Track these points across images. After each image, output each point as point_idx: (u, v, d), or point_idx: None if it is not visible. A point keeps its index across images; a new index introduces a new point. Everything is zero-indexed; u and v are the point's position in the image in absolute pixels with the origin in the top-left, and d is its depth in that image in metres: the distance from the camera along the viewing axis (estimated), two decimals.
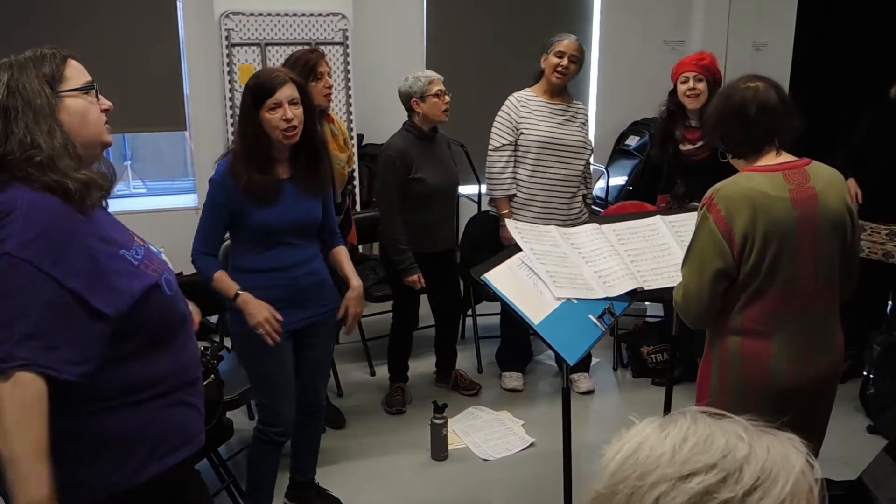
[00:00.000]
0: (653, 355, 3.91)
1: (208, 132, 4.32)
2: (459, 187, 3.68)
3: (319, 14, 4.27)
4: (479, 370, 3.99)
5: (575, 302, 2.30)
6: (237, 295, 2.30)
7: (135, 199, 5.03)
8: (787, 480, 0.68)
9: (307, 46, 3.92)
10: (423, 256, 3.37)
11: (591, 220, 2.80)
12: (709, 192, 1.95)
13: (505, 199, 3.53)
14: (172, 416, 1.51)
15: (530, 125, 3.47)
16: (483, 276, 2.26)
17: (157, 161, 5.95)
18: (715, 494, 0.67)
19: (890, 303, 3.84)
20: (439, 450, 3.17)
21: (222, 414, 2.62)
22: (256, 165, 2.28)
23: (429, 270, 3.37)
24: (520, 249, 2.43)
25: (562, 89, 3.54)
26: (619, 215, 2.82)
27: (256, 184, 2.27)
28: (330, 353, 2.80)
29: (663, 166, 3.66)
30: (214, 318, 3.44)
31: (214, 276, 2.32)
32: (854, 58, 5.13)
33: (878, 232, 3.55)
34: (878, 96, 3.62)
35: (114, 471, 1.42)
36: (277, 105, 2.25)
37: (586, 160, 3.63)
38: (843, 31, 5.29)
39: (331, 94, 3.08)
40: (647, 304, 4.34)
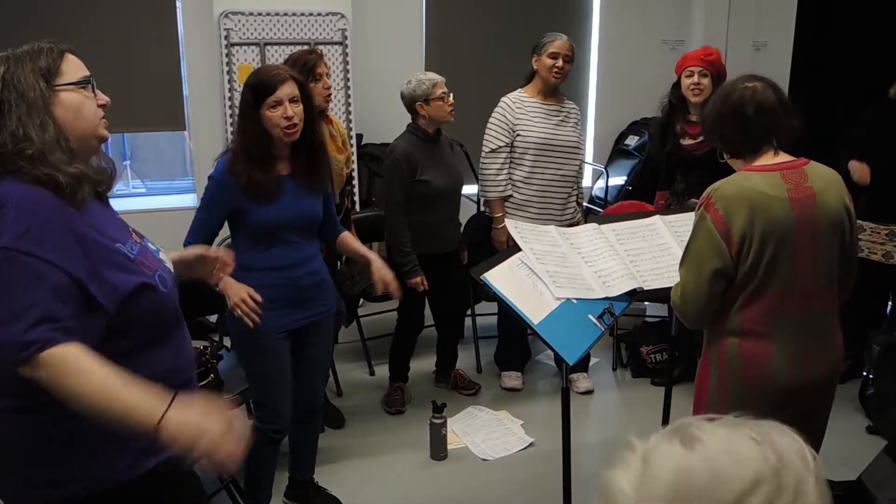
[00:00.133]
0: (652, 355, 3.91)
1: (208, 132, 4.32)
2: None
3: (318, 14, 4.27)
4: (479, 370, 3.99)
5: (574, 302, 2.30)
6: (217, 282, 2.26)
7: (134, 198, 5.03)
8: (808, 467, 0.70)
9: (306, 47, 3.92)
10: (429, 257, 3.37)
11: (591, 220, 2.80)
12: (706, 191, 1.95)
13: (499, 201, 3.53)
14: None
15: (527, 126, 3.47)
16: (483, 276, 2.26)
17: (156, 161, 5.94)
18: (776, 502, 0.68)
19: (890, 303, 3.84)
20: (438, 449, 3.18)
21: None
22: (257, 163, 2.28)
23: (434, 271, 3.37)
24: (519, 249, 2.43)
25: (555, 90, 3.54)
26: (618, 215, 2.83)
27: (256, 181, 2.26)
28: (329, 352, 2.80)
29: (662, 162, 3.66)
30: (214, 318, 3.44)
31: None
32: (854, 58, 5.13)
33: (878, 232, 3.55)
34: (878, 96, 3.62)
35: (107, 466, 1.42)
36: (278, 103, 2.25)
37: (581, 161, 3.63)
38: (843, 31, 5.29)
39: (330, 94, 3.09)
40: (646, 304, 4.34)
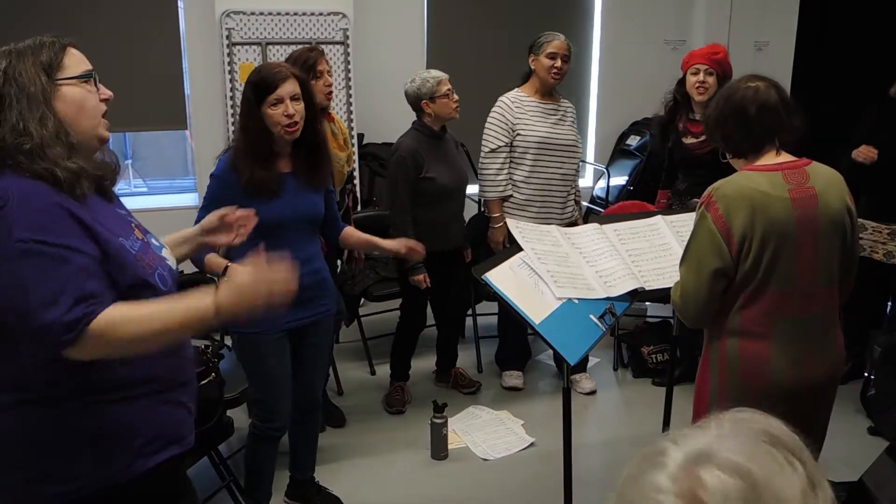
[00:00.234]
0: (653, 355, 3.91)
1: (209, 131, 4.32)
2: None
3: (320, 13, 4.27)
4: (479, 370, 3.99)
5: (576, 302, 2.30)
6: (227, 268, 2.24)
7: (136, 197, 5.03)
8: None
9: (308, 45, 3.92)
10: (433, 255, 3.36)
11: (592, 220, 2.80)
12: (707, 190, 1.95)
13: (498, 201, 3.53)
14: (163, 414, 1.50)
15: (527, 126, 3.47)
16: (484, 276, 2.25)
17: (157, 160, 5.94)
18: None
19: (890, 303, 3.83)
20: (439, 449, 3.17)
21: (222, 412, 2.62)
22: (258, 160, 2.27)
23: (438, 269, 3.37)
24: (520, 249, 2.42)
25: (552, 89, 3.55)
26: (619, 215, 2.82)
27: (258, 179, 2.26)
28: (328, 351, 2.79)
29: (664, 159, 3.65)
30: None
31: (206, 258, 2.26)
32: (855, 57, 5.13)
33: (880, 231, 3.54)
34: (879, 96, 3.62)
35: (102, 465, 1.42)
36: (279, 101, 2.25)
37: (579, 159, 3.64)
38: (845, 30, 5.28)
39: (331, 92, 3.08)
40: (647, 304, 4.33)
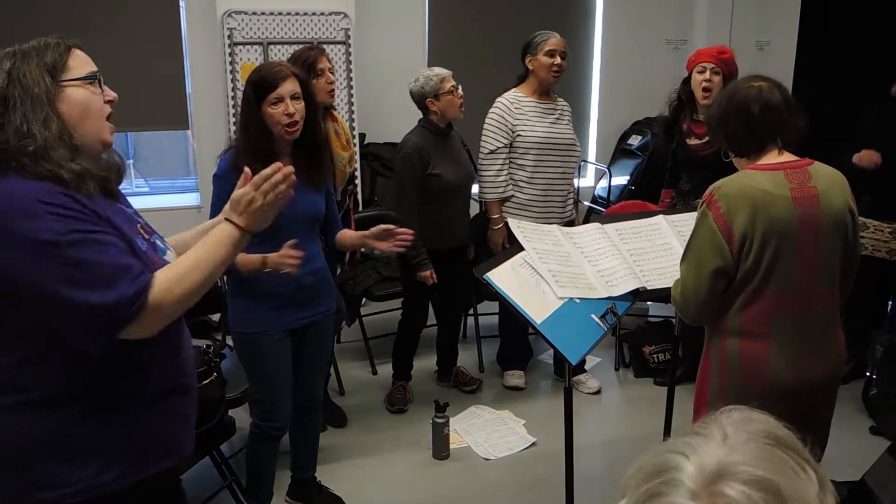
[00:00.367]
0: (655, 355, 3.91)
1: (211, 131, 4.33)
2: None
3: (322, 13, 4.27)
4: (481, 369, 3.99)
5: (577, 301, 2.30)
6: (265, 261, 2.25)
7: (137, 197, 5.03)
8: None
9: (308, 45, 3.92)
10: (438, 253, 3.37)
11: (594, 220, 2.80)
12: (709, 189, 1.95)
13: (498, 202, 3.52)
14: (163, 424, 1.49)
15: (527, 126, 3.46)
16: (485, 276, 2.25)
17: (159, 160, 5.94)
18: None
19: (892, 302, 3.83)
20: (441, 449, 3.17)
21: (224, 412, 2.62)
22: (259, 159, 2.27)
23: (443, 266, 3.37)
24: (521, 248, 2.42)
25: (549, 88, 3.54)
26: (621, 214, 2.82)
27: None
28: (329, 351, 2.79)
29: (667, 160, 3.65)
30: (217, 317, 3.44)
31: (237, 260, 2.22)
32: (857, 57, 5.12)
33: (882, 230, 3.54)
34: (880, 95, 3.61)
35: (100, 472, 1.41)
36: (279, 100, 2.25)
37: (578, 158, 3.64)
38: (846, 30, 5.28)
39: (334, 90, 3.08)
40: (649, 304, 4.33)
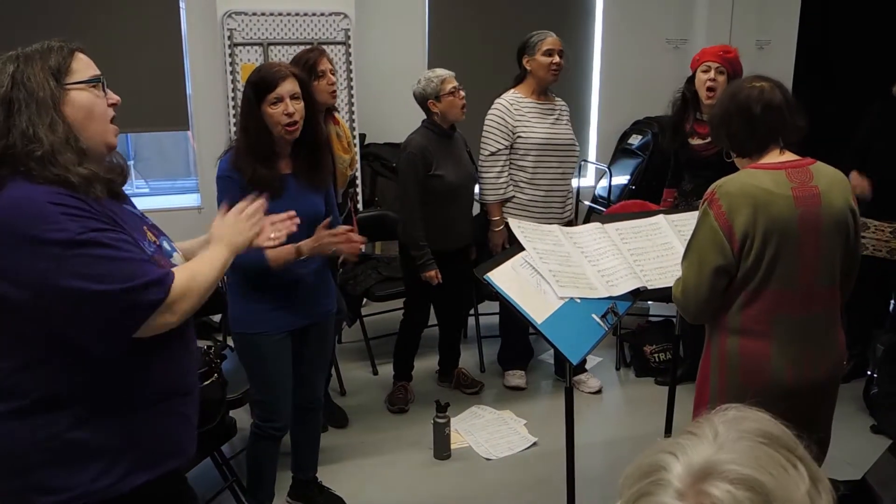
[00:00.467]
0: (656, 354, 3.91)
1: (211, 132, 4.33)
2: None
3: (322, 14, 4.27)
4: (482, 369, 3.99)
5: (578, 301, 2.30)
6: (299, 250, 2.26)
7: (138, 198, 4.99)
8: None
9: (309, 46, 3.92)
10: (441, 253, 3.37)
11: (594, 220, 2.80)
12: (711, 187, 1.96)
13: (498, 204, 3.52)
14: (165, 426, 1.49)
15: (527, 127, 3.46)
16: (486, 276, 2.25)
17: (159, 161, 5.95)
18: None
19: (893, 301, 3.83)
20: (442, 449, 3.18)
21: (225, 413, 2.62)
22: (260, 160, 2.28)
23: (445, 267, 3.37)
24: (522, 248, 2.42)
25: (546, 88, 3.54)
26: (621, 214, 2.82)
27: (261, 177, 2.26)
28: (329, 351, 2.79)
29: (671, 159, 3.64)
30: (218, 318, 3.45)
31: (267, 257, 2.23)
32: (857, 56, 5.12)
33: (883, 230, 3.54)
34: (881, 95, 3.61)
35: (100, 477, 1.40)
36: (279, 99, 2.25)
37: (577, 157, 3.64)
38: (846, 29, 5.28)
39: (335, 91, 3.08)
40: (649, 303, 4.33)
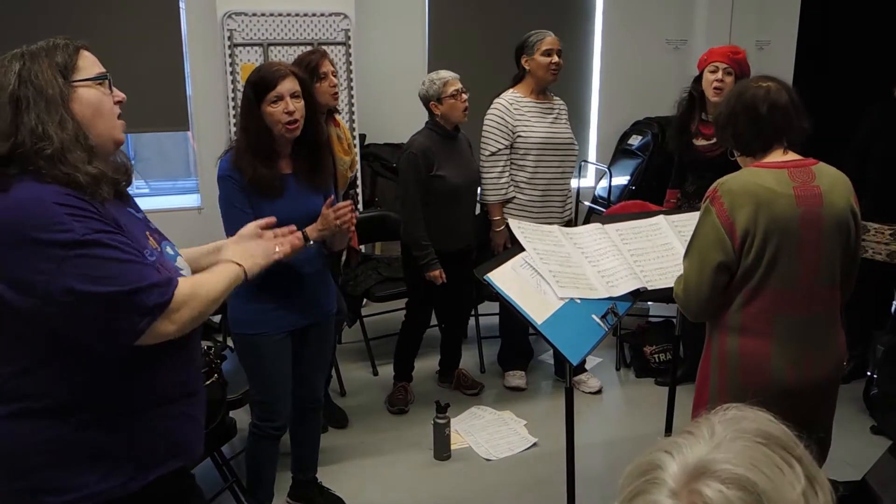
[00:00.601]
0: (656, 355, 3.91)
1: (211, 132, 4.32)
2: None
3: (322, 14, 4.27)
4: (482, 370, 3.99)
5: (578, 302, 2.30)
6: (306, 237, 2.23)
7: (138, 199, 5.01)
8: None
9: (309, 47, 3.92)
10: (443, 254, 3.37)
11: (594, 220, 2.80)
12: (713, 185, 1.97)
13: (499, 204, 3.53)
14: (170, 428, 1.49)
15: (527, 127, 3.46)
16: (486, 276, 2.25)
17: (159, 161, 5.96)
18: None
19: (894, 303, 3.83)
20: (442, 449, 3.17)
21: (225, 413, 2.62)
22: (260, 159, 2.28)
23: (447, 268, 3.37)
24: (522, 249, 2.42)
25: (545, 88, 3.54)
26: (621, 215, 2.82)
27: (261, 177, 2.26)
28: (329, 351, 2.79)
29: (674, 159, 3.63)
30: (218, 318, 3.45)
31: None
32: (857, 57, 5.12)
33: (882, 232, 3.54)
34: (881, 95, 3.61)
35: (104, 479, 1.40)
36: (279, 98, 2.25)
37: (576, 157, 3.64)
38: (846, 30, 5.27)
39: (337, 92, 3.09)
40: (649, 304, 4.33)
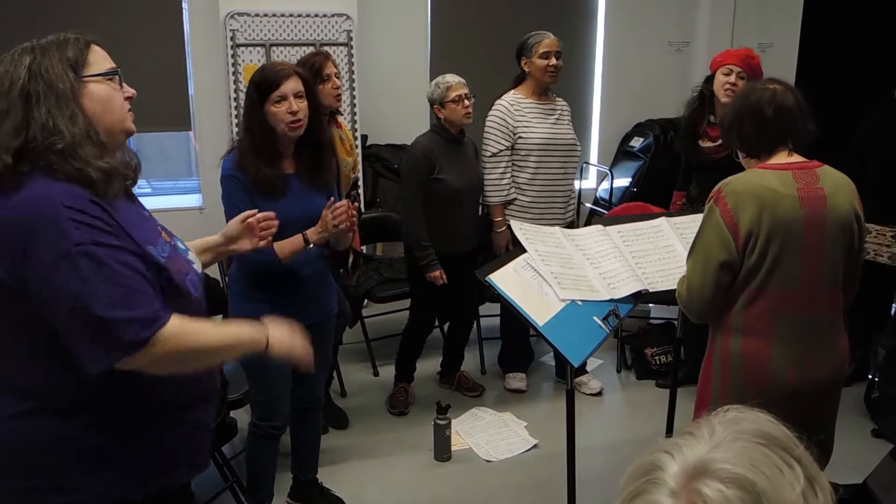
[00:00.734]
0: (657, 357, 3.91)
1: (213, 132, 4.32)
2: None
3: (324, 15, 4.27)
4: (483, 371, 3.99)
5: (579, 304, 2.30)
6: (307, 240, 2.27)
7: (139, 198, 5.03)
8: None
9: (311, 48, 3.92)
10: (444, 257, 3.37)
11: (596, 222, 2.80)
12: (717, 185, 1.98)
13: (501, 206, 3.52)
14: (180, 436, 1.48)
15: (528, 128, 3.47)
16: (487, 278, 2.25)
17: (161, 161, 5.95)
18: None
19: (894, 305, 3.83)
20: (442, 451, 3.17)
21: (226, 413, 2.63)
22: (264, 159, 2.28)
23: (449, 271, 3.37)
24: (524, 251, 2.42)
25: (547, 89, 3.54)
26: (623, 217, 2.82)
27: (264, 176, 2.26)
28: (330, 352, 2.79)
29: (681, 160, 3.62)
30: (218, 319, 3.45)
31: (276, 251, 2.24)
32: (859, 59, 5.12)
33: (884, 234, 3.54)
34: (883, 97, 3.61)
35: (109, 482, 1.40)
36: (283, 98, 2.25)
37: (579, 158, 3.64)
38: (848, 32, 5.27)
39: (339, 94, 3.09)
40: (651, 306, 4.33)
